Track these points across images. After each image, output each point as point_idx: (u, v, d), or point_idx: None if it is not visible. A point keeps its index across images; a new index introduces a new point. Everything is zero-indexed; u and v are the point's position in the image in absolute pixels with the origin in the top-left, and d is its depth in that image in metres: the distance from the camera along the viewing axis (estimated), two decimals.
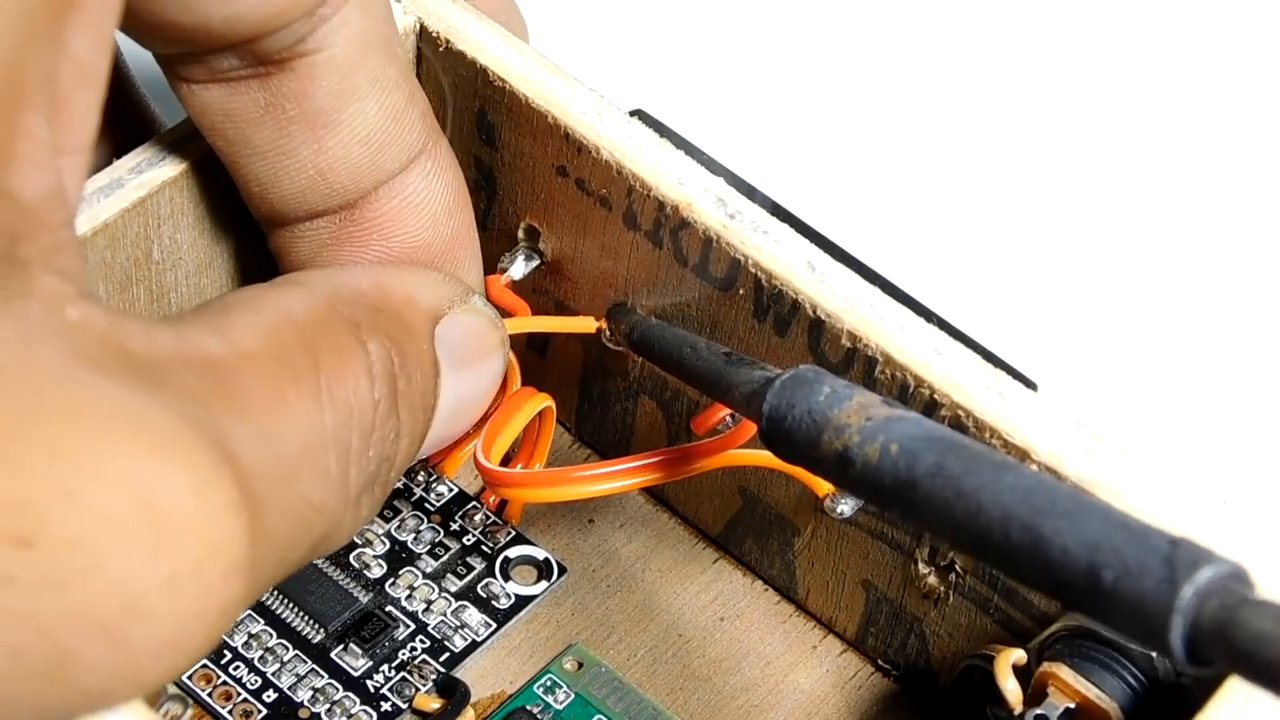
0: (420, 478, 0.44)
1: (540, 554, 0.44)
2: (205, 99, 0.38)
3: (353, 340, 0.34)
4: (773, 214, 0.40)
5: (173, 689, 0.41)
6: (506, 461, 0.44)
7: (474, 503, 0.44)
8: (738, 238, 0.40)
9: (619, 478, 0.41)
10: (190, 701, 0.41)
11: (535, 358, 0.45)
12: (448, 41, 0.42)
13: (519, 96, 0.41)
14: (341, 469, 0.33)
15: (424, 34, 0.42)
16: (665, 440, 0.44)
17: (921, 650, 0.42)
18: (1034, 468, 0.37)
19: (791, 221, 0.41)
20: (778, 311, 0.40)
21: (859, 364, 0.39)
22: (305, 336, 0.33)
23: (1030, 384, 0.41)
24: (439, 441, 0.39)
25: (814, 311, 0.39)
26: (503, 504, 0.44)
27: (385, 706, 0.41)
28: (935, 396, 0.38)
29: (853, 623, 0.43)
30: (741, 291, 0.40)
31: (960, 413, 0.38)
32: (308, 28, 0.37)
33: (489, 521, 0.44)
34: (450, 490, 0.44)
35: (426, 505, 0.44)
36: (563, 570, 0.44)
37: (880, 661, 0.43)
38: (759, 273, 0.39)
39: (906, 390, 0.38)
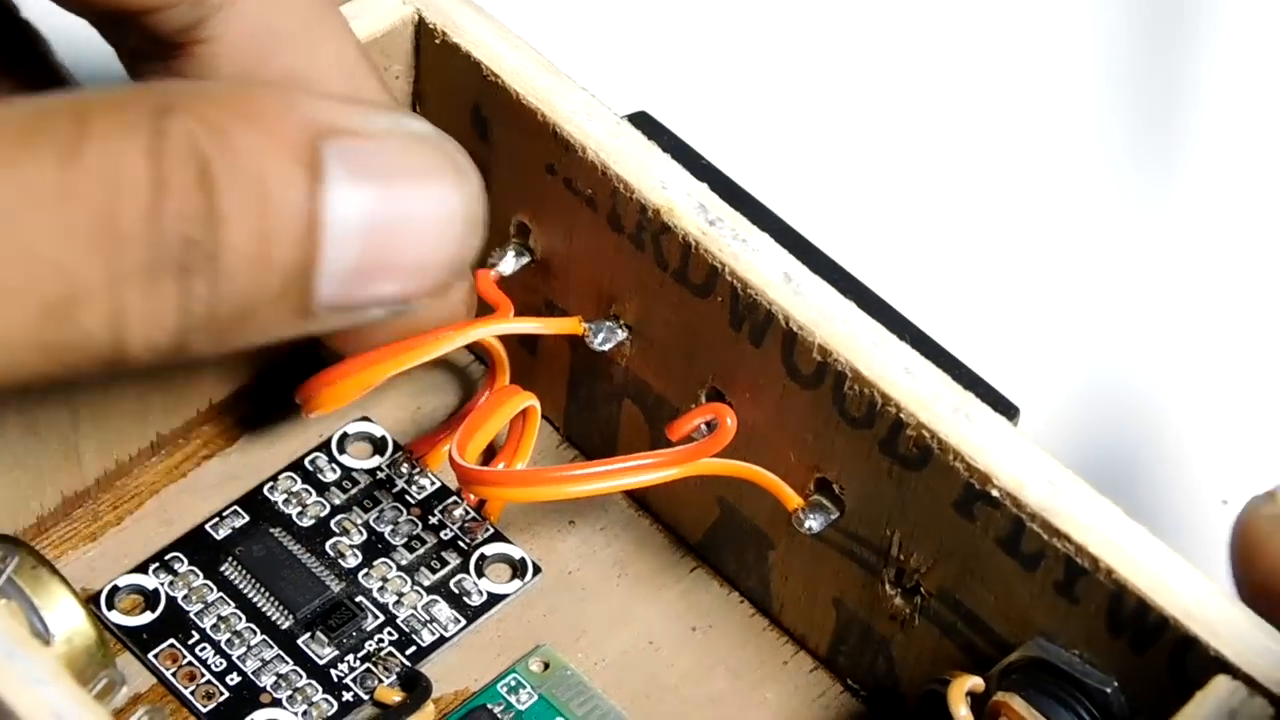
0: (404, 469, 0.44)
1: (517, 553, 0.44)
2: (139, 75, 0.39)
3: (142, 120, 0.33)
4: (764, 223, 0.40)
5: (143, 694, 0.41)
6: (490, 458, 0.44)
7: (455, 498, 0.44)
8: (716, 245, 0.39)
9: (590, 480, 0.41)
10: (166, 713, 0.41)
11: (526, 355, 0.45)
12: (444, 34, 0.42)
13: (510, 92, 0.41)
14: (100, 235, 0.32)
15: (421, 26, 0.42)
16: (648, 445, 0.44)
17: (889, 672, 0.41)
18: (994, 493, 0.37)
19: (781, 227, 0.40)
20: (753, 321, 0.39)
21: (829, 379, 0.38)
22: (78, 111, 0.32)
23: (1011, 406, 0.41)
24: (371, 267, 0.34)
25: (787, 323, 0.38)
26: (484, 501, 0.44)
27: (347, 696, 0.41)
28: (901, 416, 0.37)
29: (824, 640, 0.42)
30: (719, 299, 0.40)
31: (925, 433, 0.37)
32: (196, 15, 0.37)
33: (469, 517, 0.44)
34: (433, 484, 0.44)
35: (407, 498, 0.44)
36: (537, 570, 0.43)
37: (849, 681, 0.42)
38: (735, 281, 0.39)
39: (874, 408, 0.38)
